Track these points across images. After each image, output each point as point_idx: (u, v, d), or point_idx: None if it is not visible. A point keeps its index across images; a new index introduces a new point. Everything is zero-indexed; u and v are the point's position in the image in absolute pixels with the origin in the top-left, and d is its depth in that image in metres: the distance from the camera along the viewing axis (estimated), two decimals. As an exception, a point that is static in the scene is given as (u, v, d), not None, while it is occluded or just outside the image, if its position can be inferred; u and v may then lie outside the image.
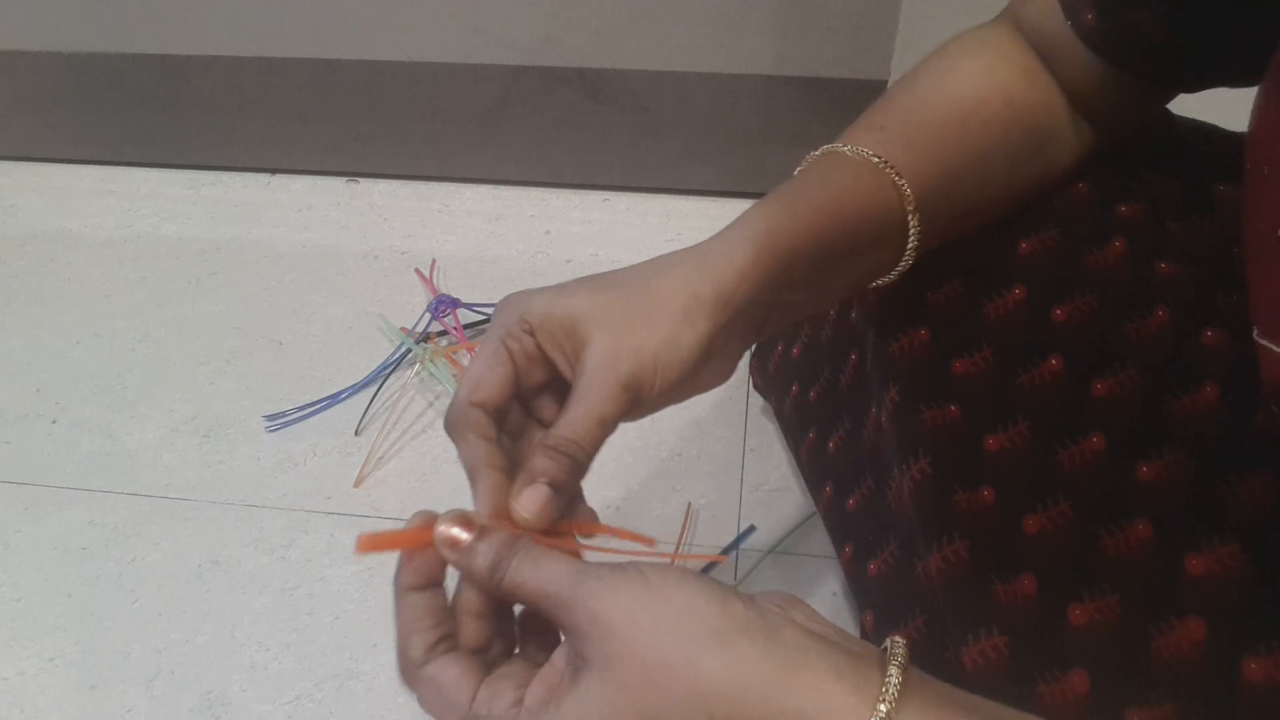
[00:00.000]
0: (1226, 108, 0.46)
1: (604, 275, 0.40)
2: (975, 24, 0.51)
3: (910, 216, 0.44)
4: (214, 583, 0.74)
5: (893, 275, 0.46)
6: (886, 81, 0.88)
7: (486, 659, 0.35)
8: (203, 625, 0.72)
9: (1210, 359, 0.42)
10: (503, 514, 0.36)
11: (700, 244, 0.40)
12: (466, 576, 0.35)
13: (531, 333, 0.38)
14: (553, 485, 0.36)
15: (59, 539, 0.78)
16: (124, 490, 0.81)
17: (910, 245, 0.44)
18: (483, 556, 0.34)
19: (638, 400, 0.37)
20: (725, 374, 0.42)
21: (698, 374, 0.39)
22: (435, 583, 0.35)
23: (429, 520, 0.35)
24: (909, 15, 0.84)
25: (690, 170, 1.00)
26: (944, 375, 0.48)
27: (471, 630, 0.35)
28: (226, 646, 0.70)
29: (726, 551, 0.72)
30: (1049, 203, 0.48)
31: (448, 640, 0.34)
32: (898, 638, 0.32)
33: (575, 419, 0.36)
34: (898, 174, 0.43)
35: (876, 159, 0.43)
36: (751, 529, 0.74)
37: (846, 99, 0.89)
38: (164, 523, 0.78)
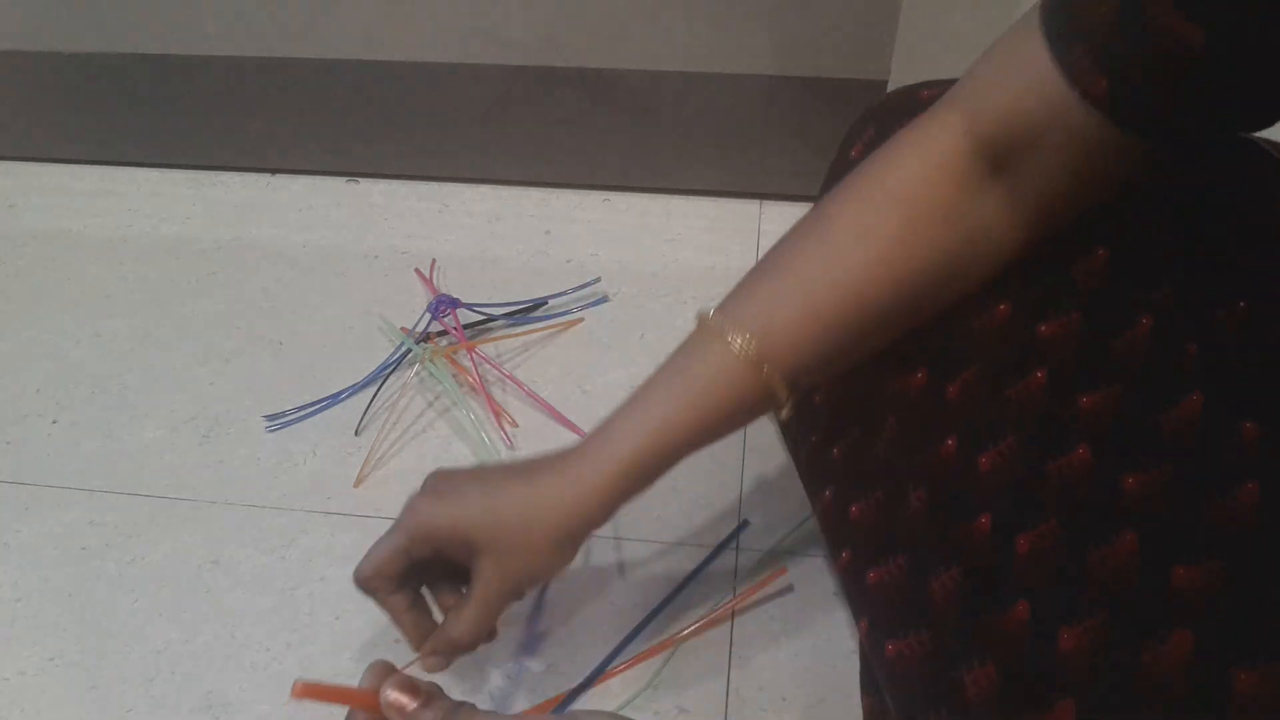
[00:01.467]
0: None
1: (495, 491, 0.49)
2: (975, 24, 0.50)
3: (786, 402, 0.48)
4: (214, 583, 0.74)
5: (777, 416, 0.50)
6: (886, 82, 0.88)
7: None
8: (203, 625, 0.72)
9: (1195, 370, 0.42)
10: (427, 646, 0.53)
11: (574, 469, 0.48)
12: None
13: (431, 545, 0.50)
14: (446, 663, 0.52)
15: (59, 539, 0.78)
16: (124, 490, 0.81)
17: (785, 413, 0.49)
18: None
19: (515, 601, 0.51)
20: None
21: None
22: None
23: (379, 676, 0.41)
24: (909, 15, 0.84)
25: (690, 170, 1.00)
26: (938, 404, 0.48)
27: None
28: (226, 646, 0.70)
29: (721, 548, 0.73)
30: None
31: None
32: None
33: (463, 630, 0.50)
34: (779, 374, 0.47)
35: (755, 355, 0.46)
36: (745, 524, 0.74)
37: (846, 99, 0.89)
38: (164, 523, 0.78)
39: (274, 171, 1.10)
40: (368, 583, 0.51)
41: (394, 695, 0.39)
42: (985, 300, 0.48)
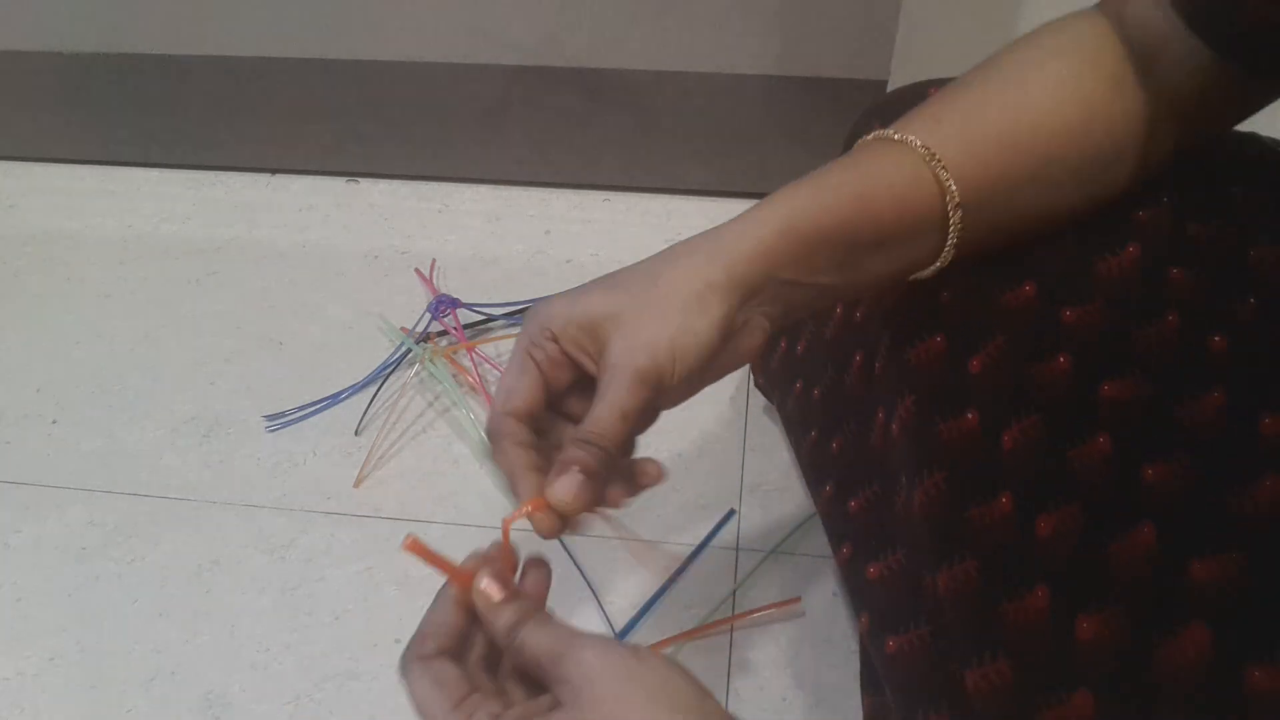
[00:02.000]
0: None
1: (620, 273, 0.41)
2: (975, 24, 0.50)
3: (952, 214, 0.42)
4: (214, 583, 0.74)
5: (930, 271, 0.45)
6: (886, 82, 0.88)
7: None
8: (203, 625, 0.72)
9: (1219, 364, 0.42)
10: (543, 506, 0.39)
11: (720, 226, 0.40)
12: (485, 626, 0.38)
13: (555, 339, 0.40)
14: (584, 472, 0.37)
15: (59, 539, 0.78)
16: (124, 490, 0.81)
17: (950, 242, 0.43)
18: (504, 618, 0.37)
19: (659, 389, 0.39)
20: (752, 353, 0.42)
21: (719, 356, 0.40)
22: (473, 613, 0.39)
23: (478, 564, 0.39)
24: (909, 15, 0.84)
25: (690, 170, 1.00)
26: (961, 379, 0.47)
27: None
28: (226, 647, 0.70)
29: (708, 540, 0.72)
30: None
31: (456, 653, 0.38)
32: None
33: (600, 415, 0.38)
34: (943, 168, 0.42)
35: (924, 149, 0.42)
36: (731, 514, 0.74)
37: (846, 99, 0.89)
38: (164, 523, 0.78)
39: (274, 171, 1.10)
40: (500, 422, 0.40)
41: (486, 583, 0.38)
42: (1010, 278, 0.47)
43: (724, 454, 0.80)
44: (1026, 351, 0.45)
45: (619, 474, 0.41)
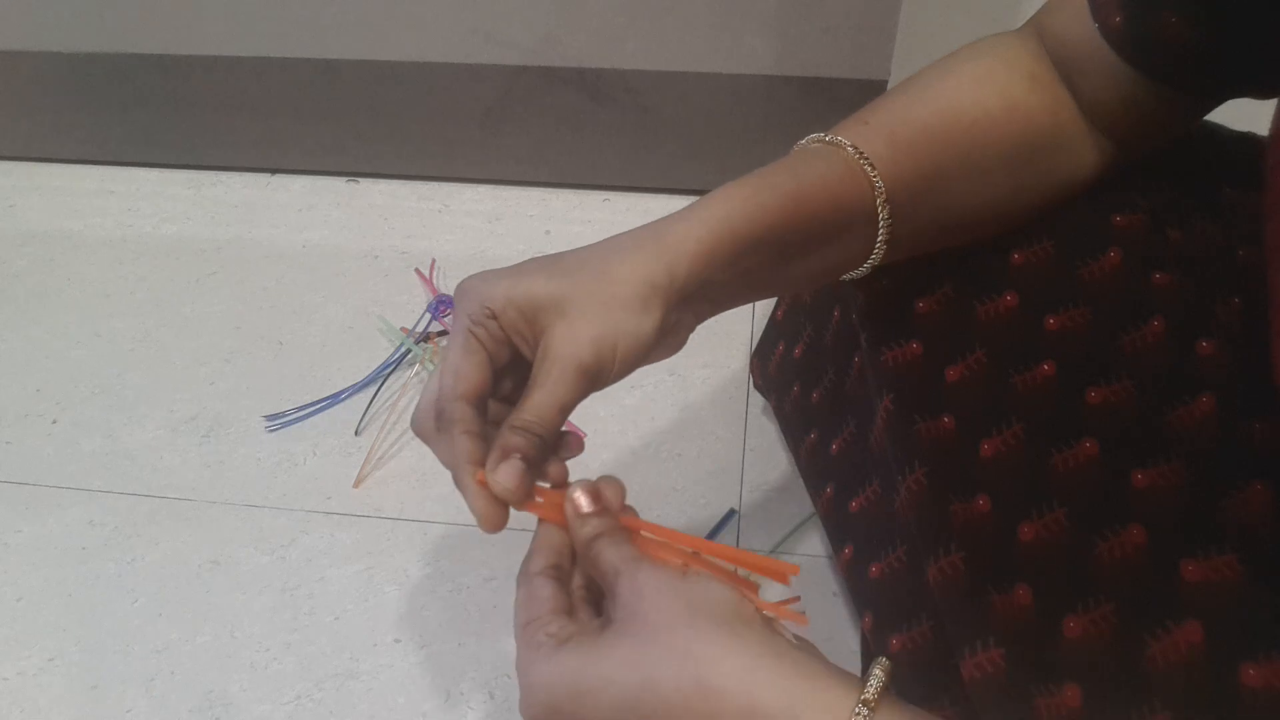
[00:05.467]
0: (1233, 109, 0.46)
1: (560, 257, 0.41)
2: (975, 24, 0.51)
3: (880, 209, 0.44)
4: (214, 583, 0.74)
5: (864, 269, 0.46)
6: (886, 82, 0.88)
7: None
8: (203, 625, 0.72)
9: (1207, 369, 0.42)
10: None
11: (657, 223, 0.41)
12: (571, 535, 0.39)
13: (494, 317, 0.40)
14: (525, 460, 0.38)
15: (59, 539, 0.78)
16: (124, 490, 0.81)
17: (880, 238, 0.45)
18: (587, 528, 0.38)
19: (596, 383, 0.40)
20: (677, 348, 0.44)
21: (652, 352, 0.41)
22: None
23: (577, 483, 0.40)
24: (909, 15, 0.84)
25: (690, 170, 1.00)
26: (937, 384, 0.47)
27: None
28: (226, 646, 0.70)
29: (710, 537, 0.72)
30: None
31: (561, 570, 0.39)
32: (884, 658, 0.34)
33: (539, 404, 0.39)
34: (870, 165, 0.44)
35: (852, 149, 0.44)
36: (731, 513, 0.73)
37: (846, 99, 0.89)
38: (164, 523, 0.78)
39: (274, 171, 1.10)
40: (451, 407, 0.39)
41: (579, 494, 0.39)
42: (991, 291, 0.47)
43: (724, 454, 0.80)
44: (1008, 363, 0.46)
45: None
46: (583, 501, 0.39)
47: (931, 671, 0.45)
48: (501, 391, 0.43)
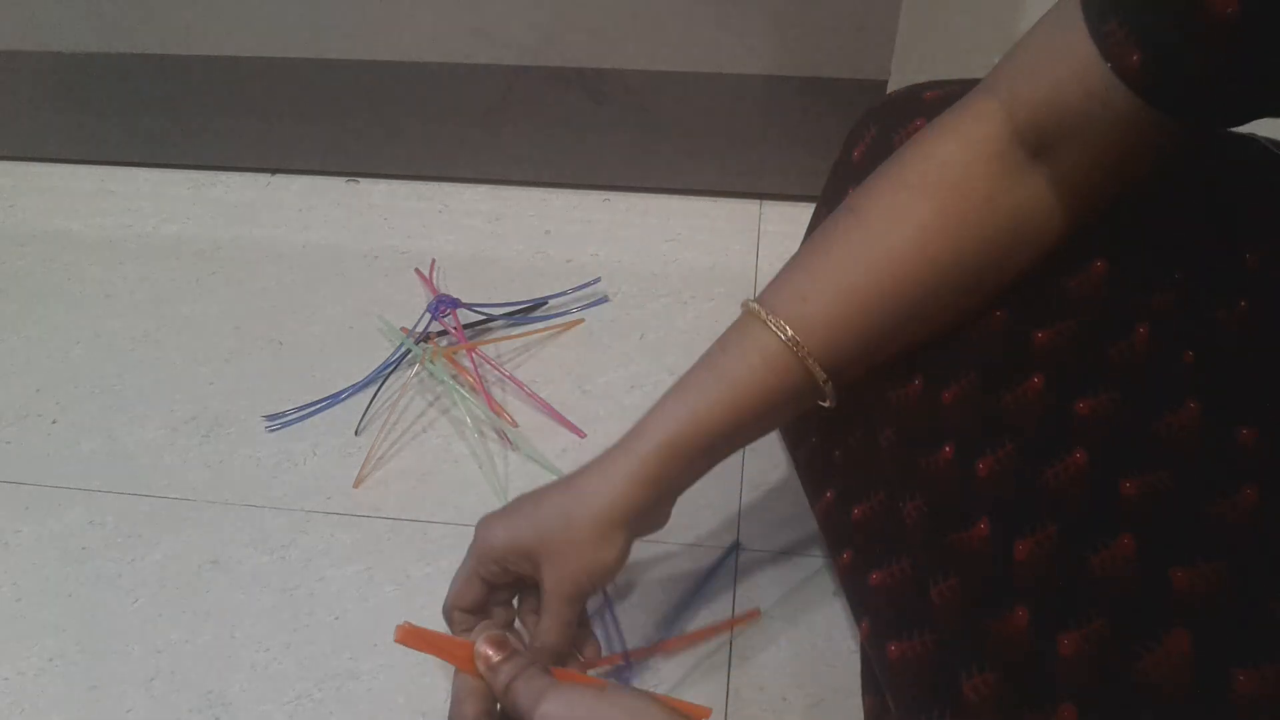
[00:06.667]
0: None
1: (541, 502, 0.50)
2: (975, 24, 0.50)
3: (824, 385, 0.47)
4: (214, 583, 0.74)
5: (823, 405, 0.50)
6: (886, 82, 0.88)
7: None
8: (203, 625, 0.72)
9: (1193, 376, 0.42)
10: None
11: (608, 456, 0.49)
12: (489, 683, 0.46)
13: (496, 562, 0.50)
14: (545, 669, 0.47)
15: (59, 539, 0.78)
16: (124, 490, 0.81)
17: (829, 401, 0.49)
18: (502, 675, 0.45)
19: (587, 596, 0.50)
20: (661, 525, 0.53)
21: (628, 555, 0.50)
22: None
23: (479, 632, 0.49)
24: (909, 15, 0.84)
25: (690, 170, 1.00)
26: (935, 414, 0.48)
27: None
28: (226, 646, 0.70)
29: (712, 572, 0.73)
30: None
31: (492, 715, 0.47)
32: None
33: (548, 629, 0.50)
34: (811, 357, 0.46)
35: (792, 340, 0.46)
36: (737, 545, 0.74)
37: (846, 99, 0.89)
38: (164, 523, 0.78)
39: (274, 171, 1.10)
40: (448, 615, 0.52)
41: (483, 648, 0.46)
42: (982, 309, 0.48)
43: (724, 454, 0.80)
44: (998, 380, 0.46)
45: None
46: (489, 653, 0.46)
47: (929, 682, 0.45)
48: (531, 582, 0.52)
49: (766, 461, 0.79)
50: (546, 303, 0.91)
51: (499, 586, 0.52)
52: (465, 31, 0.93)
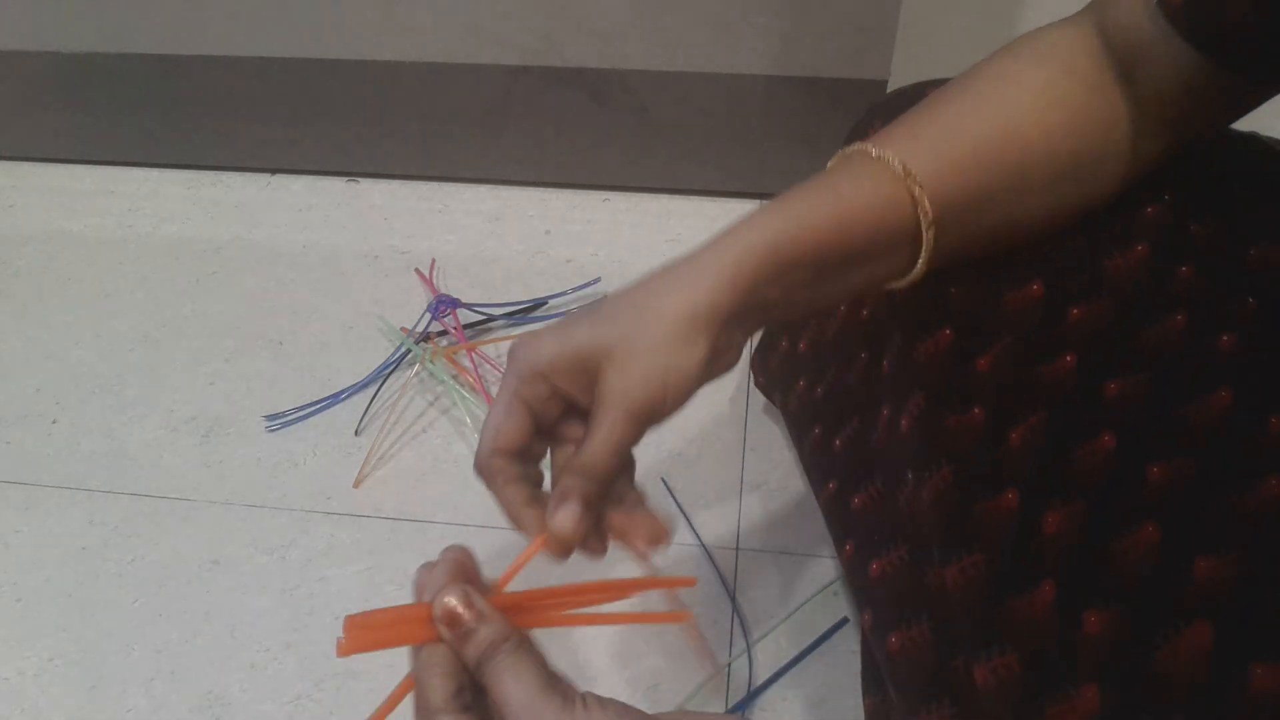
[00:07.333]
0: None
1: (606, 303, 0.42)
2: (975, 23, 0.50)
3: (926, 231, 0.43)
4: (214, 583, 0.74)
5: (904, 282, 0.45)
6: (886, 82, 0.88)
7: None
8: (203, 625, 0.72)
9: (1226, 363, 0.42)
10: (547, 540, 0.39)
11: (698, 252, 0.41)
12: (458, 653, 0.36)
13: (545, 377, 0.41)
14: (582, 502, 0.39)
15: (59, 539, 0.78)
16: (124, 490, 0.81)
17: (923, 258, 0.44)
18: (473, 644, 0.35)
19: (652, 421, 0.40)
20: (732, 364, 0.44)
21: (705, 379, 0.41)
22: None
23: (451, 569, 0.37)
24: (909, 15, 0.84)
25: (690, 170, 1.00)
26: (968, 377, 0.47)
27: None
28: (226, 647, 0.70)
29: (822, 639, 0.71)
30: None
31: (464, 696, 0.36)
32: None
33: (595, 449, 0.39)
34: (919, 186, 0.42)
35: (902, 168, 0.43)
36: (844, 620, 0.73)
37: (846, 99, 0.89)
38: (164, 523, 0.78)
39: (274, 171, 1.10)
40: (488, 462, 0.41)
41: (448, 601, 0.36)
42: (1018, 276, 0.47)
43: (724, 454, 0.80)
44: (1033, 351, 0.45)
45: (614, 494, 0.42)
46: (457, 607, 0.36)
47: (930, 672, 0.45)
48: (564, 436, 0.43)
49: (766, 461, 0.79)
50: (546, 303, 0.91)
51: (546, 423, 0.42)
52: (465, 31, 0.93)
